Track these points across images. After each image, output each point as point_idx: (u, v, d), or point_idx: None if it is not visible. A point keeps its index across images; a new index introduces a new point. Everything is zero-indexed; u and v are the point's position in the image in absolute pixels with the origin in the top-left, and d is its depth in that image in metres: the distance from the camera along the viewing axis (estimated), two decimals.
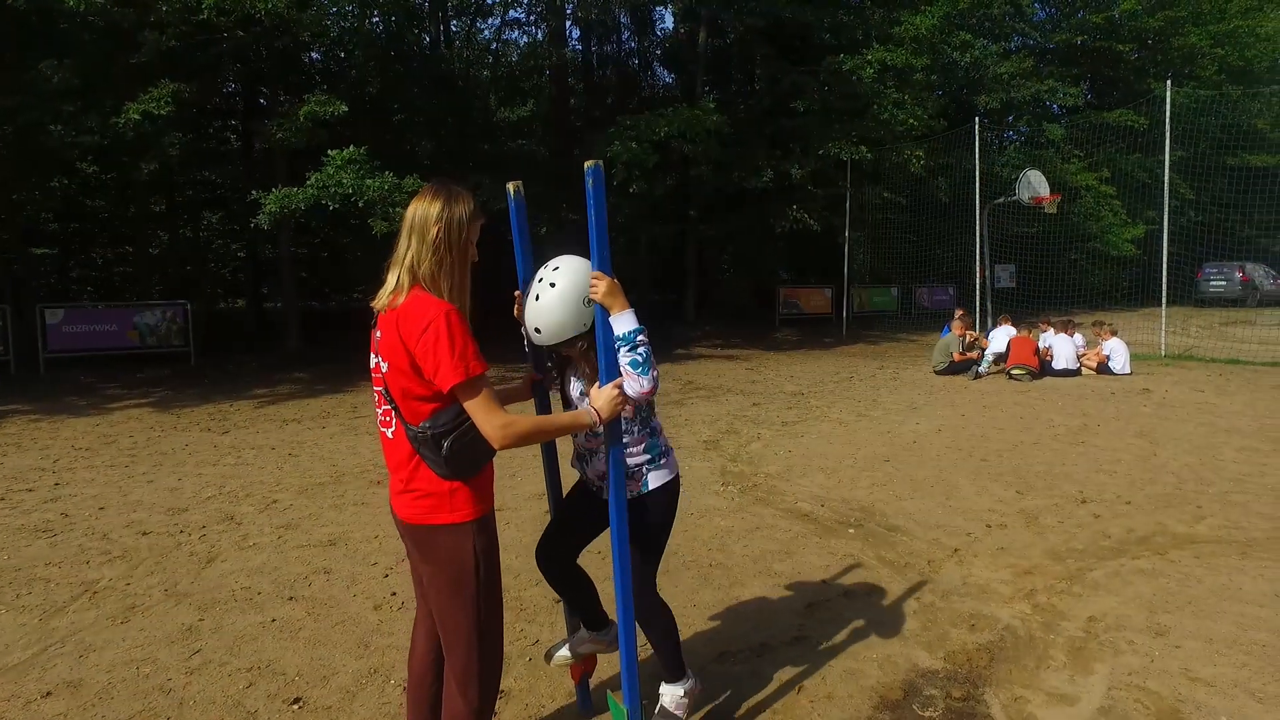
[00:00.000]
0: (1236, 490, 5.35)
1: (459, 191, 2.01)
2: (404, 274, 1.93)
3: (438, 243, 1.94)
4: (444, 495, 1.95)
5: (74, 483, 6.05)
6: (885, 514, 4.98)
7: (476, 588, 1.98)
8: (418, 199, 1.99)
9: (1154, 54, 27.44)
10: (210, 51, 12.01)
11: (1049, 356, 11.25)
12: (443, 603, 1.99)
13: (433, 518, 1.95)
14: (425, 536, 1.97)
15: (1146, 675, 2.92)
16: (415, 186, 10.56)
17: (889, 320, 21.48)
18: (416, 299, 1.90)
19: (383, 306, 1.95)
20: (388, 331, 1.92)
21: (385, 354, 1.94)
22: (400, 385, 1.91)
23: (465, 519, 1.96)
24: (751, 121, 18.09)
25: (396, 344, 1.88)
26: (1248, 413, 8.16)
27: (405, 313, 1.88)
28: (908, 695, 2.83)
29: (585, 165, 2.10)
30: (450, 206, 1.97)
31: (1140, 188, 24.26)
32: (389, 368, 1.93)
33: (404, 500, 1.98)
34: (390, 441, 2.00)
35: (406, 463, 1.96)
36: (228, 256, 24.35)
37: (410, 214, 1.98)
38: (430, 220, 1.94)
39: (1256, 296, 24.40)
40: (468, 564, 1.96)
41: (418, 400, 1.90)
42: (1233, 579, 3.81)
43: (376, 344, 1.98)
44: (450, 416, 1.90)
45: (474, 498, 1.98)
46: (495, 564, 2.05)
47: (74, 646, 3.27)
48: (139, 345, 12.94)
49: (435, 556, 1.97)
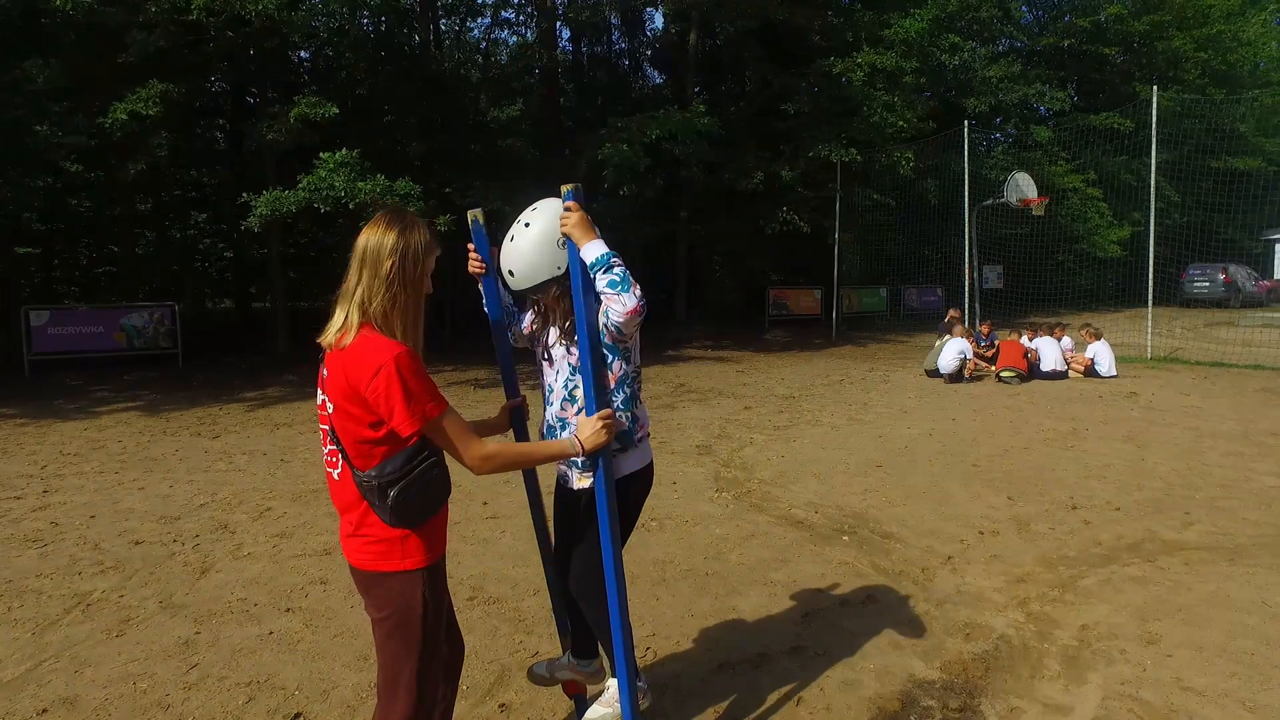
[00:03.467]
0: (1223, 496, 5.42)
1: (414, 220, 1.90)
2: (353, 310, 1.83)
3: (391, 278, 1.83)
4: (395, 541, 1.87)
5: (63, 490, 6.00)
6: (878, 521, 5.02)
7: (424, 635, 1.92)
8: (369, 228, 1.87)
9: (1139, 58, 27.74)
10: (198, 51, 11.92)
11: (1036, 359, 11.34)
12: (387, 647, 1.93)
13: (383, 564, 1.88)
14: (375, 583, 1.91)
15: (1139, 685, 2.96)
16: (408, 189, 10.55)
17: (878, 321, 21.59)
18: (365, 340, 1.80)
19: (330, 344, 1.85)
20: (335, 372, 1.83)
21: (332, 395, 1.84)
22: (348, 430, 1.83)
23: (416, 566, 1.89)
24: (742, 123, 18.12)
25: (344, 387, 1.80)
26: (1233, 416, 8.26)
27: (354, 355, 1.79)
28: (905, 706, 2.86)
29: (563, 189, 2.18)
30: (405, 237, 1.85)
31: (1126, 190, 24.52)
32: (335, 409, 1.84)
33: (354, 544, 1.91)
34: (336, 483, 1.92)
35: (355, 505, 1.89)
36: (214, 257, 24.18)
37: (361, 245, 1.85)
38: (384, 252, 1.83)
39: (1239, 298, 24.73)
40: (415, 611, 1.89)
41: (367, 444, 1.82)
42: (1222, 586, 3.87)
43: (323, 381, 1.89)
44: (398, 465, 1.81)
45: (425, 544, 1.90)
46: (442, 611, 2.00)
47: (68, 661, 3.25)
48: (126, 347, 12.82)
49: (383, 602, 1.91)
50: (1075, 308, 21.82)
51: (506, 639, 3.41)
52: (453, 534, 4.76)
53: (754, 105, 18.64)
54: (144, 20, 10.47)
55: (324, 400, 1.89)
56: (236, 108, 17.50)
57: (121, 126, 10.36)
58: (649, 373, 13.02)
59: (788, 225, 18.10)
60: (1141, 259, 14.84)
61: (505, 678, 3.09)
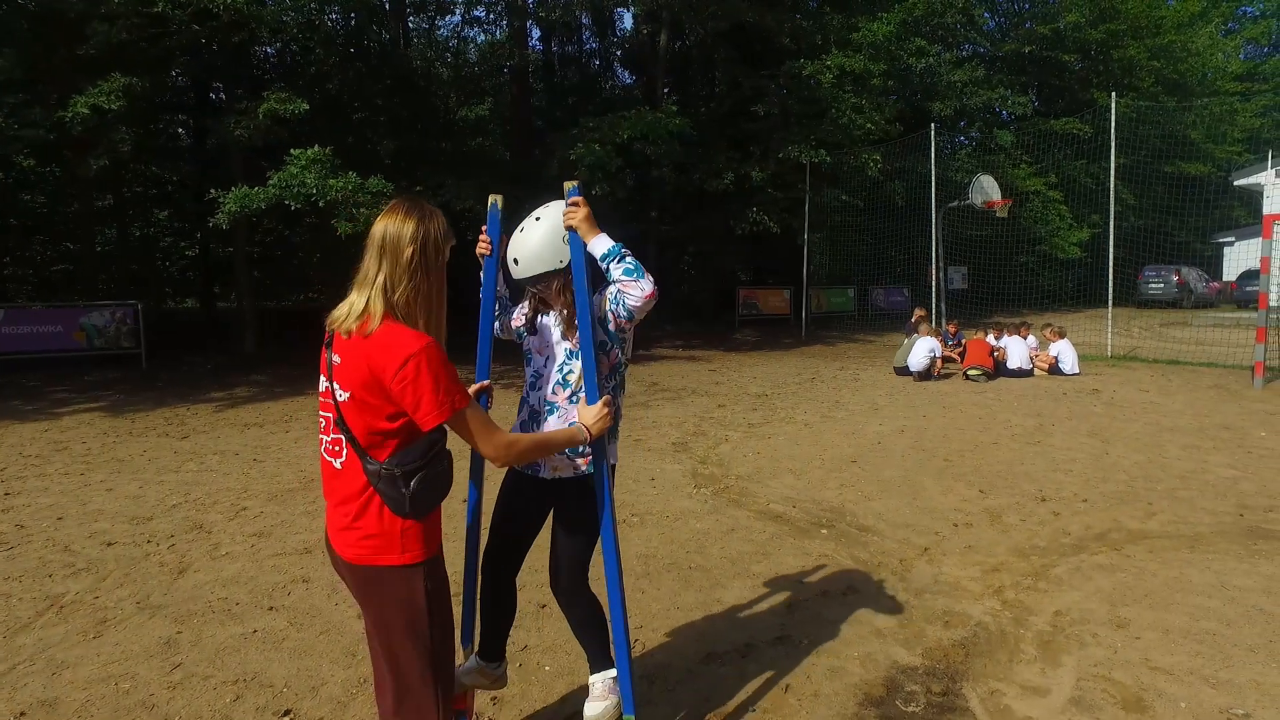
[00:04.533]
0: (1182, 487, 5.62)
1: (432, 209, 1.88)
2: (375, 298, 1.78)
3: (414, 267, 1.80)
4: (394, 535, 1.82)
5: (26, 492, 5.84)
6: (855, 514, 5.11)
7: (430, 628, 1.87)
8: (387, 215, 1.85)
9: (1096, 65, 28.54)
10: (161, 45, 11.65)
11: (1003, 358, 11.62)
12: (395, 646, 1.87)
13: (381, 558, 1.82)
14: (373, 578, 1.84)
15: (1111, 666, 3.08)
16: (380, 187, 10.43)
17: (846, 321, 21.90)
18: (391, 330, 1.76)
19: (349, 330, 1.78)
20: (353, 360, 1.77)
21: (346, 383, 1.78)
22: (364, 419, 1.77)
23: (416, 560, 1.84)
24: (712, 124, 18.27)
25: (365, 376, 1.75)
26: (1188, 412, 8.56)
27: (380, 345, 1.74)
28: (890, 691, 2.93)
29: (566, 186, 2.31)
30: (425, 225, 1.83)
31: (1085, 193, 25.23)
32: (350, 398, 1.78)
33: (348, 538, 1.83)
34: (338, 473, 1.85)
35: (356, 497, 1.82)
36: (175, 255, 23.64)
37: (379, 232, 1.82)
38: (404, 240, 1.80)
39: (1191, 298, 25.57)
40: (419, 605, 1.85)
41: (383, 435, 1.78)
42: (1183, 572, 4.03)
43: (333, 368, 1.82)
44: (419, 453, 1.80)
45: (425, 537, 1.87)
46: (447, 602, 1.94)
47: (44, 664, 3.18)
48: (86, 347, 12.47)
49: (384, 599, 1.85)
50: (1037, 307, 22.37)
51: None
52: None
53: (724, 106, 18.80)
54: (106, 11, 10.21)
55: (329, 388, 1.83)
56: (200, 103, 17.15)
57: (82, 120, 10.08)
58: None
59: (757, 225, 18.28)
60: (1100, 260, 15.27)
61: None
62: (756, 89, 17.30)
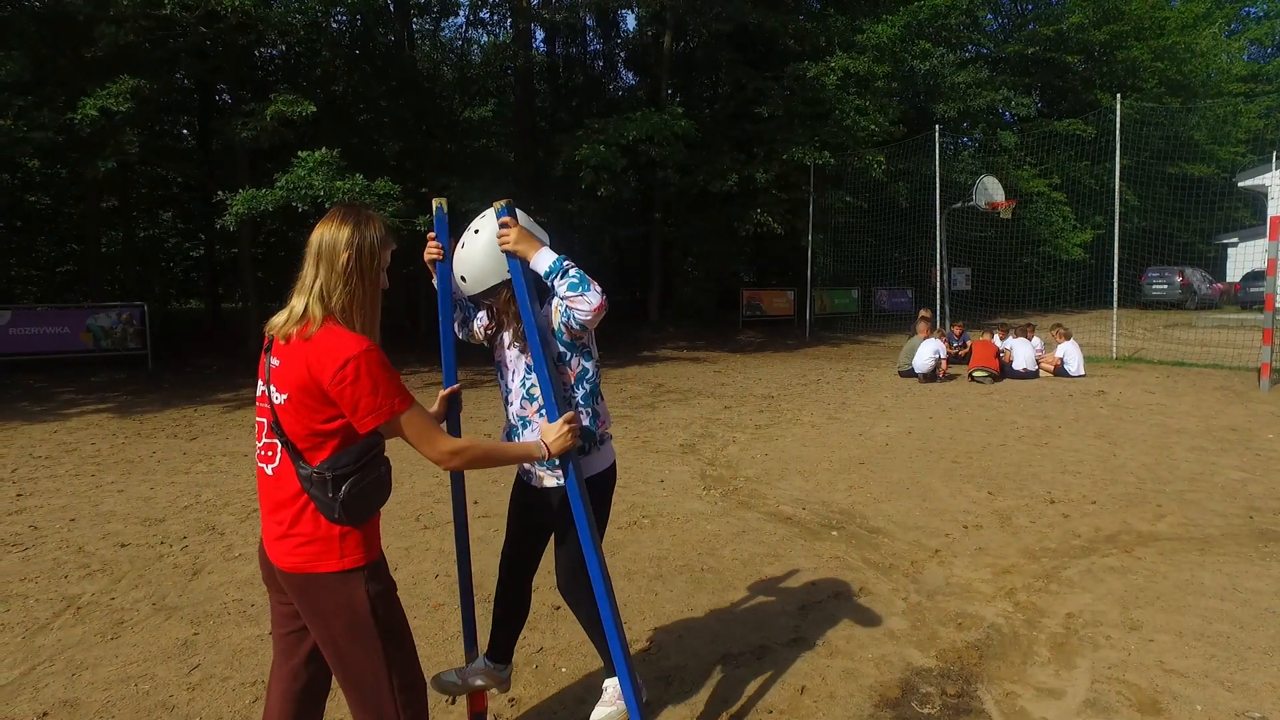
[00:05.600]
0: (1191, 489, 5.63)
1: (369, 215, 1.90)
2: (314, 303, 1.81)
3: (349, 271, 1.82)
4: (332, 540, 1.79)
5: (38, 493, 5.87)
6: (865, 516, 5.12)
7: (378, 629, 1.82)
8: (324, 223, 1.87)
9: (1100, 66, 28.52)
10: (167, 46, 11.69)
11: (1009, 359, 11.62)
12: (342, 654, 1.82)
13: (318, 565, 1.78)
14: (309, 585, 1.80)
15: (1125, 668, 3.09)
16: (387, 189, 10.47)
17: (849, 322, 21.91)
18: (331, 333, 1.78)
19: (287, 335, 1.80)
20: (292, 363, 1.78)
21: (284, 386, 1.78)
22: (302, 422, 1.77)
23: (356, 564, 1.81)
24: (716, 125, 18.29)
25: (304, 379, 1.75)
26: (1195, 414, 8.56)
27: (319, 348, 1.75)
28: (906, 693, 2.94)
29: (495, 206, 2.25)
30: (360, 231, 1.85)
31: (1088, 194, 25.22)
32: (287, 401, 1.78)
33: (283, 546, 1.80)
34: (270, 479, 1.84)
35: (289, 503, 1.80)
36: (180, 256, 23.70)
37: (316, 239, 1.84)
38: (339, 246, 1.82)
39: (1195, 299, 25.55)
40: (361, 609, 1.80)
41: (320, 438, 1.78)
42: (1195, 574, 4.03)
43: (270, 372, 1.83)
44: (353, 457, 1.78)
45: (364, 543, 1.83)
46: (393, 603, 1.89)
47: (64, 665, 3.21)
48: (93, 348, 12.52)
49: (323, 607, 1.80)
50: (1040, 309, 22.34)
51: None
52: (422, 535, 4.77)
53: (728, 108, 18.82)
54: (114, 14, 10.24)
55: (265, 392, 1.84)
56: (205, 104, 17.19)
57: (91, 122, 10.12)
58: (627, 373, 13.08)
59: (761, 227, 18.31)
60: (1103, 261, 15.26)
61: (514, 673, 3.11)
62: (760, 90, 17.32)
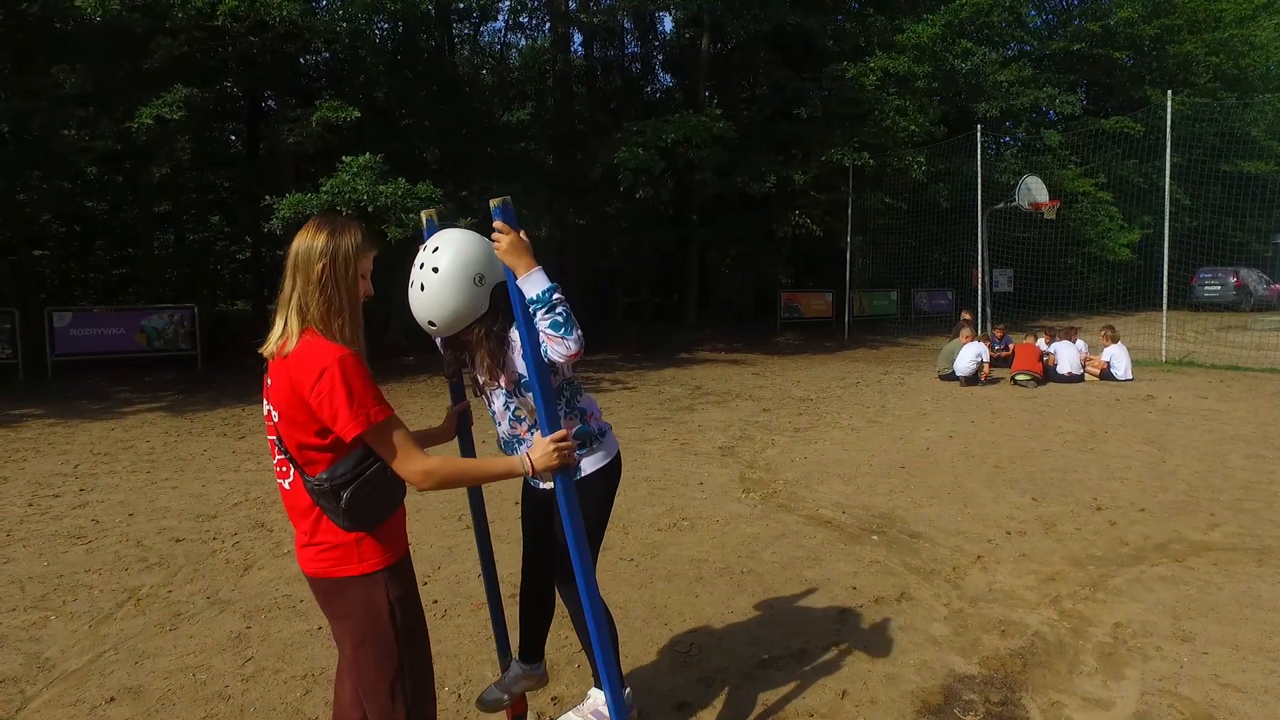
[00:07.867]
0: (1247, 498, 5.46)
1: (345, 223, 1.88)
2: (292, 317, 1.81)
3: (324, 281, 1.81)
4: (350, 545, 1.84)
5: (99, 488, 6.10)
6: (906, 521, 5.08)
7: (395, 635, 1.86)
8: (301, 233, 1.86)
9: (1149, 61, 27.72)
10: (218, 56, 12.06)
11: (1053, 363, 11.38)
12: (358, 656, 1.87)
13: (340, 570, 1.84)
14: (333, 590, 1.86)
15: (1178, 681, 3.02)
16: (429, 192, 10.64)
17: (889, 324, 21.64)
18: (307, 345, 1.79)
19: (271, 353, 1.83)
20: (279, 380, 1.81)
21: (276, 403, 1.83)
22: (294, 437, 1.81)
23: (375, 568, 1.85)
24: (754, 127, 18.22)
25: (289, 394, 1.78)
26: (1252, 420, 8.29)
27: (297, 360, 1.77)
28: (948, 700, 2.92)
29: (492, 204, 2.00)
30: (335, 240, 1.83)
31: (1136, 193, 24.53)
32: (280, 418, 1.82)
33: (309, 554, 1.87)
34: (288, 492, 1.89)
35: (307, 513, 1.85)
36: (227, 259, 24.37)
37: (293, 251, 1.84)
38: (314, 256, 1.81)
39: (1250, 301, 24.69)
40: (381, 613, 1.85)
41: (314, 451, 1.80)
42: (1252, 586, 3.92)
43: (268, 390, 1.87)
44: (349, 466, 1.79)
45: (382, 546, 1.87)
46: (414, 608, 1.93)
47: (127, 653, 3.34)
48: (146, 349, 12.96)
49: (345, 610, 1.86)
50: (1084, 311, 21.80)
51: (552, 635, 3.46)
52: (465, 534, 4.84)
53: (766, 109, 18.76)
54: (170, 26, 10.61)
55: (269, 411, 1.88)
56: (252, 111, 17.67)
57: (147, 130, 10.49)
58: (665, 375, 13.11)
59: (799, 229, 18.20)
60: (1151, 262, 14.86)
61: (552, 671, 3.16)
62: (798, 91, 17.23)
